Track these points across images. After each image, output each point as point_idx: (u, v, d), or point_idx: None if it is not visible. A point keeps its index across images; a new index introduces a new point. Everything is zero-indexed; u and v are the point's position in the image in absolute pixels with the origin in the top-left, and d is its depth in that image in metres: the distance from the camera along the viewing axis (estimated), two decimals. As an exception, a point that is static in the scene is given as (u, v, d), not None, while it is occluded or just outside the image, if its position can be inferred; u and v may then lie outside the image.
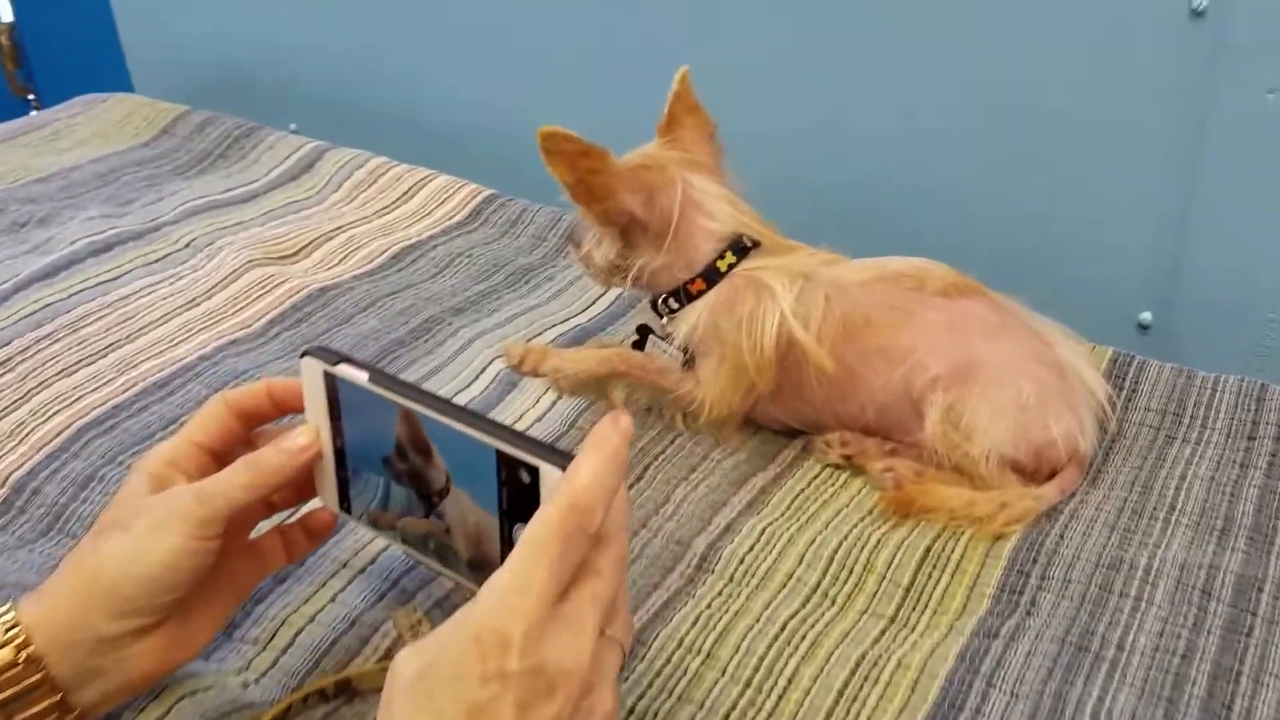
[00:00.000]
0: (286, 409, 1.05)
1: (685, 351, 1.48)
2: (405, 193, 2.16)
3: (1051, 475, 1.40)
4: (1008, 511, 1.33)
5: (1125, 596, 1.22)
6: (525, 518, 0.83)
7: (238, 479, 0.97)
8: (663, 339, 1.52)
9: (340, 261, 1.91)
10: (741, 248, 1.44)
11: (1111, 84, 1.75)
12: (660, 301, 1.48)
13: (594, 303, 1.82)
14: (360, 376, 0.96)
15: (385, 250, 1.95)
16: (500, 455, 0.88)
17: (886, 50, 1.96)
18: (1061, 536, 1.31)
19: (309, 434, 1.01)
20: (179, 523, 0.94)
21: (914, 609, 1.24)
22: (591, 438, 0.83)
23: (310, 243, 1.96)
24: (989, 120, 1.90)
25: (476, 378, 1.59)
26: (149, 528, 0.93)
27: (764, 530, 1.32)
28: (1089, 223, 1.86)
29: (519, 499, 0.88)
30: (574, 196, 1.40)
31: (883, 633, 1.20)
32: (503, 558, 0.82)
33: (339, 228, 2.01)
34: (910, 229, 1.97)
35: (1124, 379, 1.58)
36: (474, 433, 0.89)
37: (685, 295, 1.45)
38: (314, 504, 1.09)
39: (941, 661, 1.15)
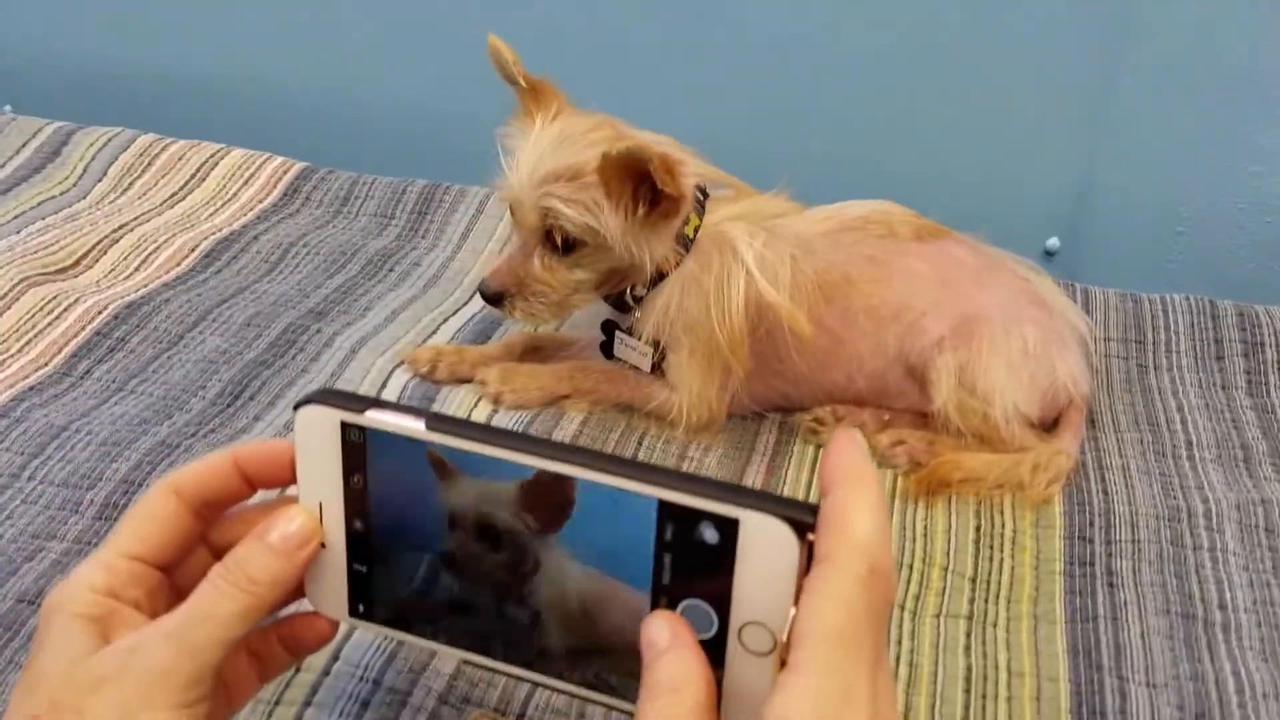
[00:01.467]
0: (264, 484, 0.71)
1: (655, 346, 1.23)
2: (194, 174, 1.72)
3: (1055, 420, 1.27)
4: (1044, 473, 1.17)
5: (1199, 549, 1.09)
6: (704, 591, 0.59)
7: (224, 606, 0.62)
8: (628, 332, 1.25)
9: (138, 268, 1.48)
10: (699, 201, 1.20)
11: (1016, 7, 1.65)
12: (629, 294, 1.22)
13: (474, 290, 1.51)
14: (411, 425, 0.64)
15: (194, 248, 1.53)
16: (665, 508, 0.60)
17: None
18: (1105, 492, 1.17)
19: (306, 518, 0.68)
20: (162, 690, 0.59)
21: (986, 600, 1.06)
22: (839, 468, 0.57)
23: (92, 248, 1.50)
24: (894, 52, 1.76)
25: (379, 395, 1.25)
26: (122, 709, 0.58)
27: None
28: (996, 150, 1.77)
29: (693, 565, 0.60)
30: (671, 211, 1.12)
31: (969, 635, 1.01)
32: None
33: (122, 225, 1.57)
34: (816, 160, 1.79)
35: (1072, 310, 1.48)
36: (619, 480, 0.60)
37: (657, 276, 1.20)
38: (300, 606, 0.75)
39: (1053, 660, 0.98)
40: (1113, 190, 1.72)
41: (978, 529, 1.12)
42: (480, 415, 1.23)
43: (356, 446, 0.66)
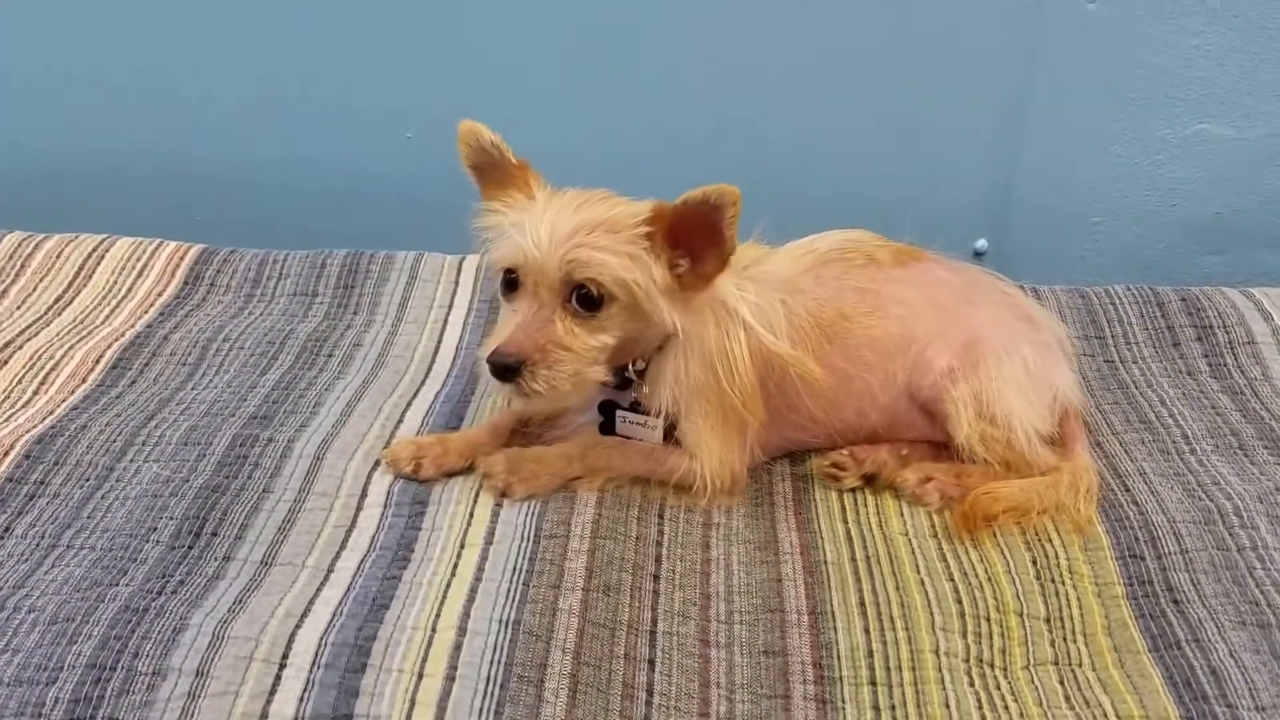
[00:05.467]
0: None
1: (666, 417, 1.07)
2: (78, 272, 1.44)
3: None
4: (1079, 491, 1.08)
5: (1243, 550, 1.01)
6: None
7: None
8: (631, 409, 1.09)
9: (37, 391, 1.20)
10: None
11: (938, 10, 1.58)
12: (630, 369, 1.07)
13: (431, 364, 1.31)
14: None
15: (98, 359, 1.26)
16: None
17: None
18: (1135, 503, 1.09)
19: None
20: None
21: (1065, 640, 0.95)
22: None
23: (-26, 372, 1.23)
24: (813, 65, 1.65)
25: (359, 508, 1.04)
26: None
27: (860, 601, 0.96)
28: (921, 158, 1.68)
29: None
30: (713, 272, 1.01)
31: (1064, 684, 0.90)
32: None
33: (7, 344, 1.28)
34: (738, 177, 1.67)
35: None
36: None
37: (656, 349, 1.06)
38: None
39: (1155, 697, 0.88)
40: (1033, 189, 1.67)
41: (1034, 562, 1.02)
42: (485, 508, 1.05)
43: None
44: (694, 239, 0.97)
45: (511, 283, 1.02)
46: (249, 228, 1.75)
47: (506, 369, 0.99)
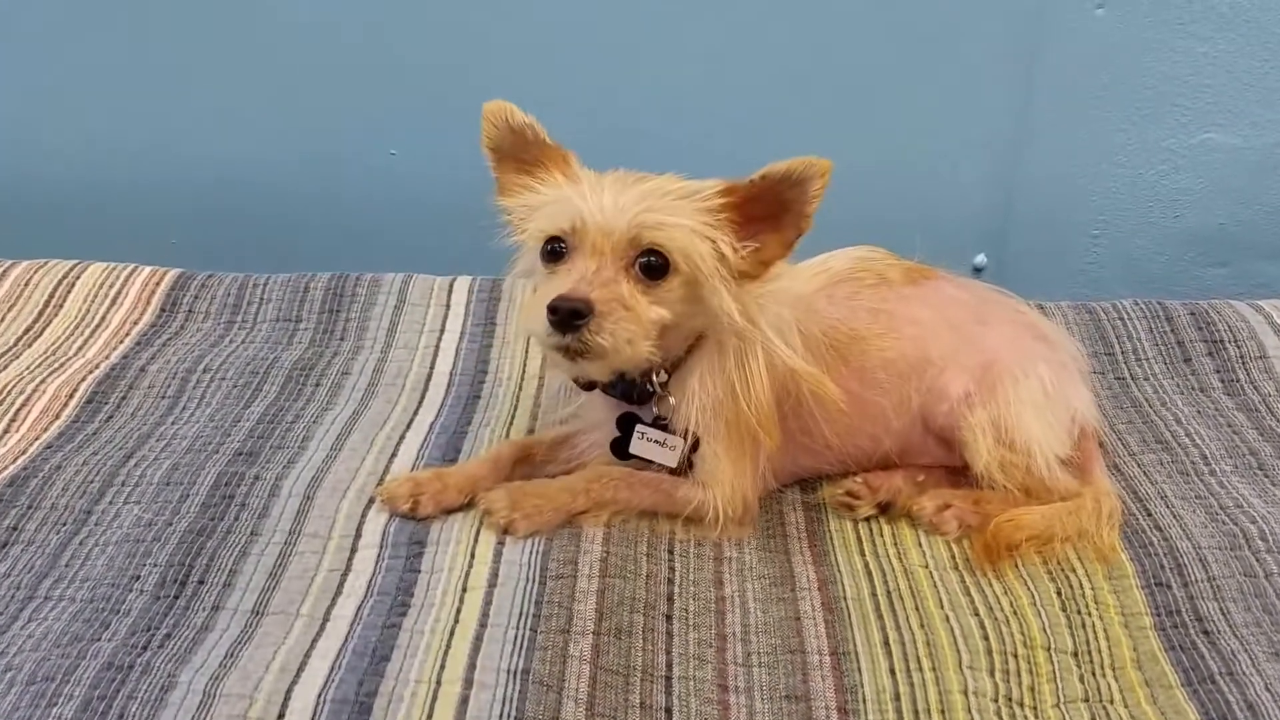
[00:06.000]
0: None
1: (689, 439, 1.04)
2: (48, 300, 1.39)
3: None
4: (1102, 517, 1.06)
5: (1270, 576, 0.99)
6: None
7: None
8: (653, 425, 1.06)
9: (8, 429, 1.15)
10: None
11: (942, 18, 1.55)
12: (653, 376, 1.03)
13: (424, 392, 1.27)
14: None
15: (71, 393, 1.22)
16: None
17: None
18: (1159, 528, 1.06)
19: None
20: None
21: (1094, 675, 0.92)
22: None
23: (-62, 410, 1.17)
24: (813, 79, 1.62)
25: (354, 550, 1.00)
26: None
27: (884, 640, 0.93)
28: (919, 168, 1.66)
29: None
30: (777, 257, 0.99)
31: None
32: None
33: (-27, 376, 1.24)
34: None
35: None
36: None
37: (675, 361, 1.03)
38: None
39: (1194, 736, 0.87)
40: (1033, 201, 1.66)
41: (1059, 593, 0.99)
42: (487, 547, 1.01)
43: None
44: (766, 218, 0.94)
45: (555, 253, 0.97)
46: (226, 250, 1.71)
47: (575, 314, 0.92)
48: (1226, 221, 1.66)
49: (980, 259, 1.68)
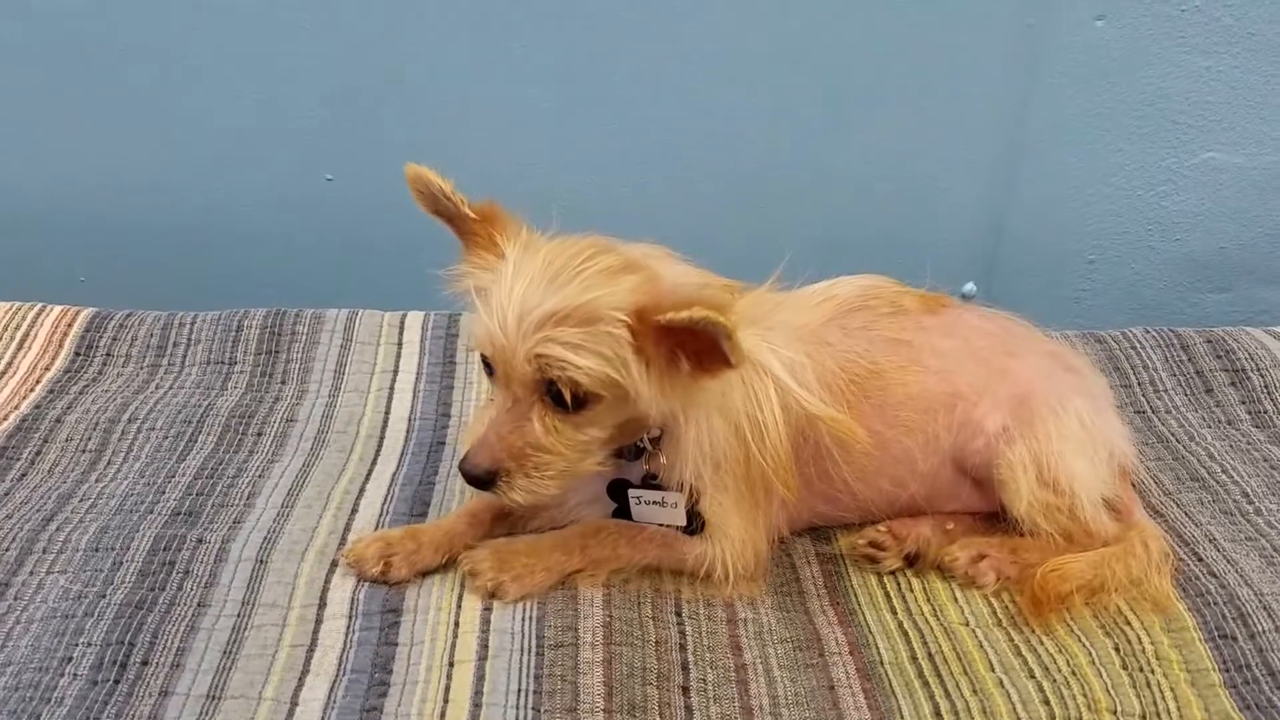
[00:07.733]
0: None
1: (690, 493, 0.97)
2: (-58, 342, 1.28)
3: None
4: (1152, 561, 1.01)
5: (1334, 620, 0.96)
6: None
7: None
8: (646, 487, 0.98)
9: (-103, 488, 1.04)
10: None
11: (931, 30, 1.51)
12: (643, 437, 0.96)
13: (380, 440, 1.18)
14: None
15: (-26, 445, 1.11)
16: None
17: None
18: (1213, 574, 1.01)
19: None
20: None
21: (1165, 740, 0.87)
22: None
23: None
24: (803, 106, 1.57)
25: (319, 620, 0.90)
26: None
27: (935, 711, 0.86)
28: (908, 190, 1.61)
29: None
30: (723, 370, 0.87)
31: (1173, 794, 0.82)
32: None
33: None
34: (728, 221, 1.62)
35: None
36: None
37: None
38: None
39: (1284, 805, 0.81)
40: (1026, 226, 1.63)
41: (1118, 650, 0.93)
42: (472, 613, 0.92)
43: None
44: (689, 345, 0.86)
45: (490, 367, 0.92)
46: (143, 287, 1.59)
47: (481, 478, 0.89)
48: (1228, 245, 1.65)
49: (969, 287, 1.65)
